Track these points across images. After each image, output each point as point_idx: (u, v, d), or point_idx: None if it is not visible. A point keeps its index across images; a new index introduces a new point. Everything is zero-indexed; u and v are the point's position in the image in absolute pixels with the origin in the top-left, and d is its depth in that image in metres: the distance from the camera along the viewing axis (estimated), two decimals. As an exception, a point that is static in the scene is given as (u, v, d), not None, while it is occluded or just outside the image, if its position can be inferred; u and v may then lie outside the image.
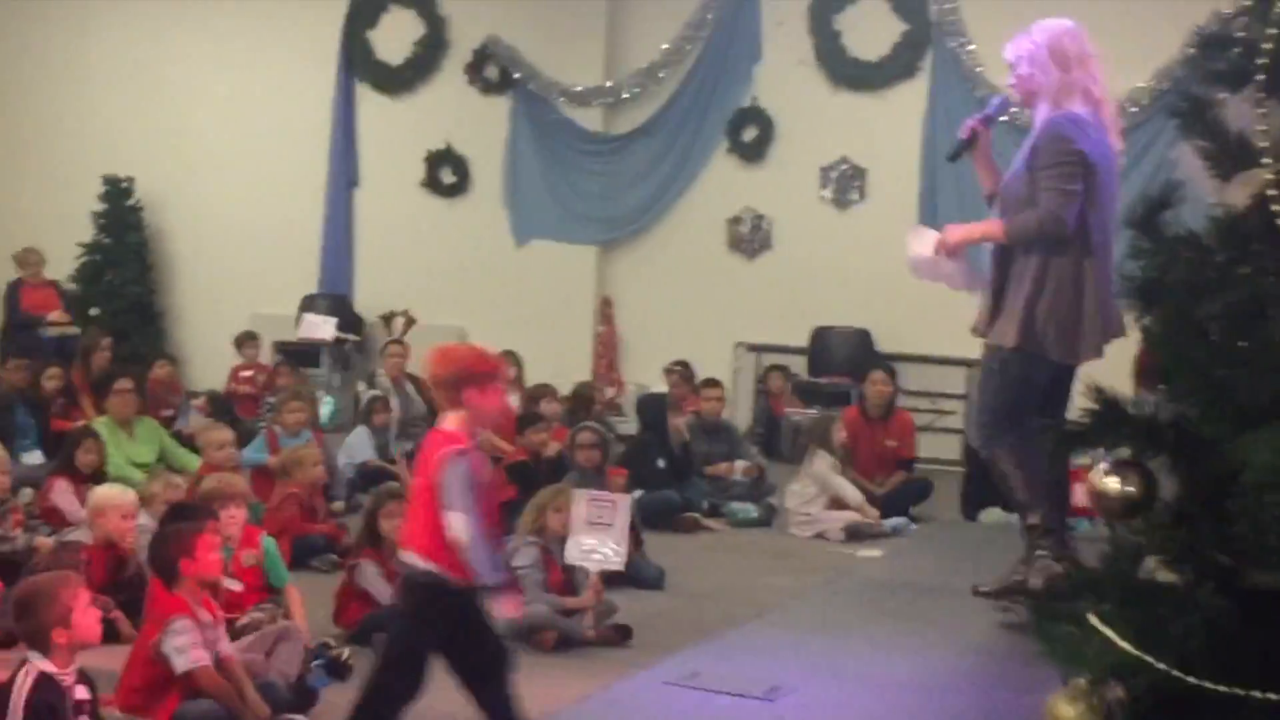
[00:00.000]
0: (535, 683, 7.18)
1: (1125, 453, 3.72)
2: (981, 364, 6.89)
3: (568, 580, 8.13)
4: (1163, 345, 3.50)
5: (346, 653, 7.17)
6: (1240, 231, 3.62)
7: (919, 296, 15.46)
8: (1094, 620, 3.30)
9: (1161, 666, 3.09)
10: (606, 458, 10.79)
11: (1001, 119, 6.94)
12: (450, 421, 5.69)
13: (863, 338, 15.70)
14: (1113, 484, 3.67)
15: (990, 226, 6.57)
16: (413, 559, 5.61)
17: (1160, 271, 3.80)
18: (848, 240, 15.94)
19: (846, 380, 15.13)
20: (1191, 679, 3.09)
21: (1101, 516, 3.87)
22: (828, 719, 4.87)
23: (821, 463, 11.42)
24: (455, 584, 5.51)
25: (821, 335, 15.80)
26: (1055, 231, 6.29)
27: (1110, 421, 3.66)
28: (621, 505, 7.84)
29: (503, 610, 5.63)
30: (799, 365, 15.75)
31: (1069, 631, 3.32)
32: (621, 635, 7.88)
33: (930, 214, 15.65)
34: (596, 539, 7.62)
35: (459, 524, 5.45)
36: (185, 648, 6.04)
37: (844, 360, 15.53)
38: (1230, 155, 3.78)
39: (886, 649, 5.84)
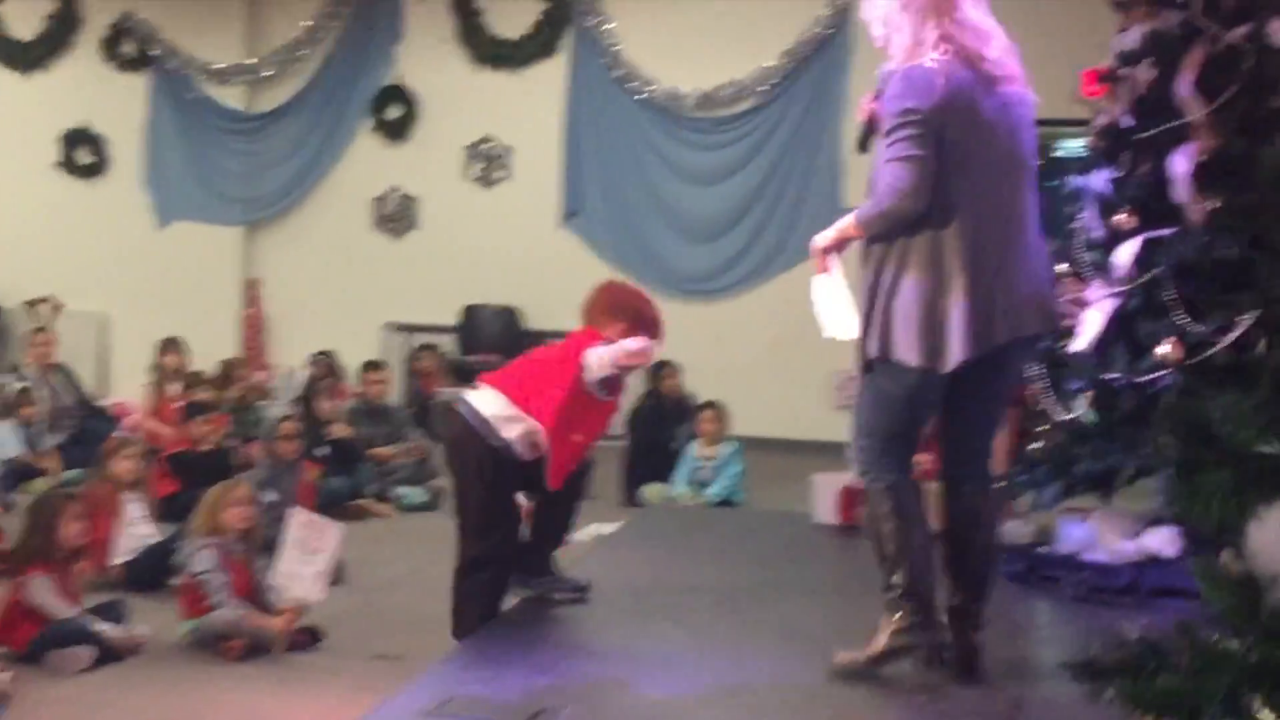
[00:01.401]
0: (264, 712, 6.67)
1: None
2: None
3: (256, 582, 7.61)
4: None
5: (8, 677, 6.56)
6: None
7: (563, 272, 15.33)
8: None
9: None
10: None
11: None
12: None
13: (512, 315, 15.44)
14: None
15: (845, 223, 5.24)
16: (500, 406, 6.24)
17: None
18: (494, 218, 15.65)
19: (498, 358, 14.83)
20: None
21: None
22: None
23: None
24: None
25: (471, 314, 15.47)
26: (900, 209, 4.99)
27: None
28: (331, 533, 7.38)
29: None
30: (449, 344, 15.37)
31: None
32: (312, 638, 7.44)
33: (574, 192, 15.50)
34: (302, 566, 7.18)
35: (595, 359, 6.17)
36: None
37: (494, 338, 15.24)
38: None
39: (639, 659, 5.47)
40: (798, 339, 14.70)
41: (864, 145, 5.35)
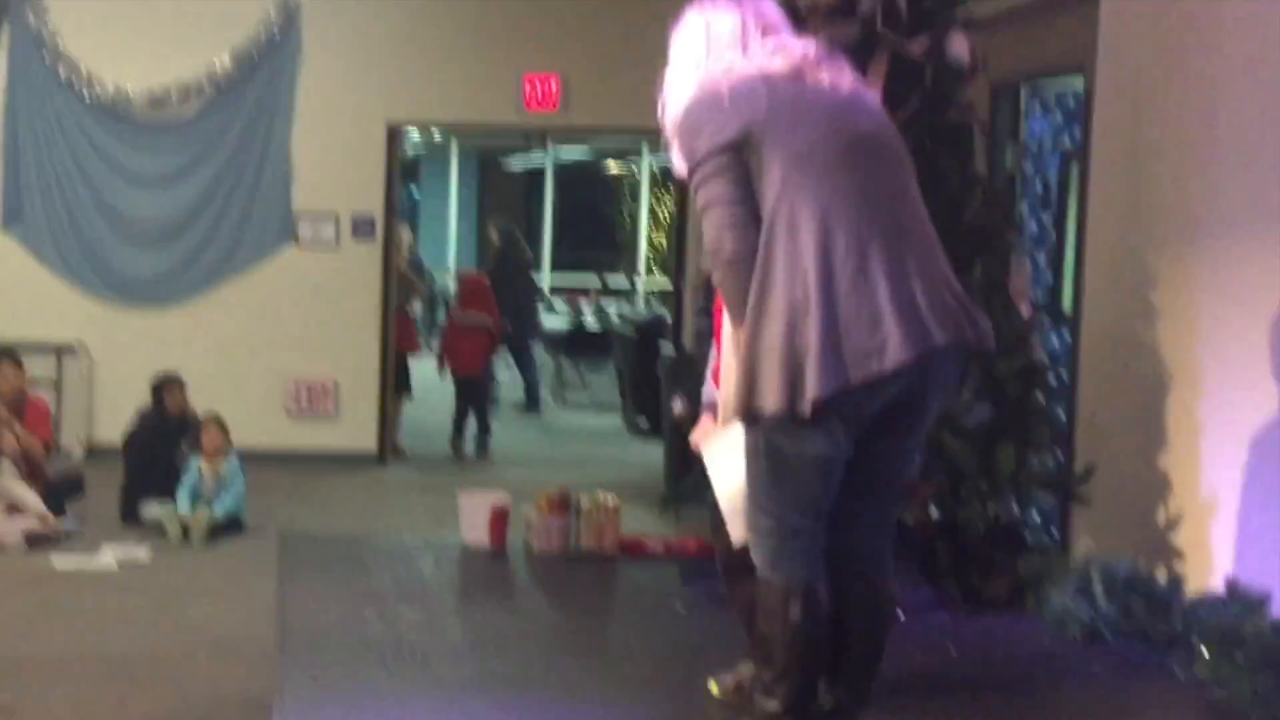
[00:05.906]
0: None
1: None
2: None
3: None
4: None
5: None
6: None
7: (4, 280, 14.18)
8: None
9: None
10: None
11: None
12: None
13: (-49, 324, 14.19)
14: None
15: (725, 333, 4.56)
16: None
17: None
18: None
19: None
20: None
21: None
22: None
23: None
24: None
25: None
26: (727, 263, 4.15)
27: None
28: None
29: None
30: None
31: None
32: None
33: (14, 195, 14.37)
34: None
35: None
36: None
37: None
38: None
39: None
40: (251, 346, 14.20)
41: None
